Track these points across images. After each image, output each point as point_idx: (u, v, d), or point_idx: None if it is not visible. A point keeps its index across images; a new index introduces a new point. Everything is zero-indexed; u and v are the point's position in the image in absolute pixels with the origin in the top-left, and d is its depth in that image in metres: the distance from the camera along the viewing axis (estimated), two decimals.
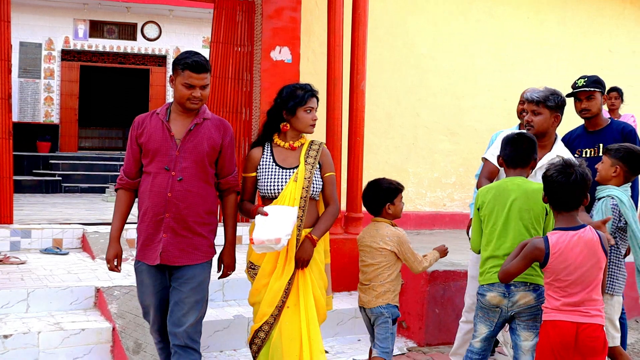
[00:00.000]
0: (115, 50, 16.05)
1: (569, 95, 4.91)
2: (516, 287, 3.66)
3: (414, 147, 8.97)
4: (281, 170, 3.89)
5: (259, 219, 3.69)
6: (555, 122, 4.33)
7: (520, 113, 5.37)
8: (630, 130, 4.85)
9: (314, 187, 3.87)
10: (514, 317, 3.73)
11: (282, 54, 7.14)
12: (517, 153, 3.85)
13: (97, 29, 15.89)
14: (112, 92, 19.07)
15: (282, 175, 3.88)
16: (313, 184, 3.86)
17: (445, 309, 5.58)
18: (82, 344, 4.60)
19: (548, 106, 4.26)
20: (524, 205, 3.71)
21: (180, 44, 16.09)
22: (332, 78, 6.35)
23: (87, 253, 6.60)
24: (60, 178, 13.58)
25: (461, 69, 9.31)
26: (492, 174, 4.54)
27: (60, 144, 15.59)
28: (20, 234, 6.65)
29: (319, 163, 3.95)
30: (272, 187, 3.85)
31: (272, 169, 3.90)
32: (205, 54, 9.59)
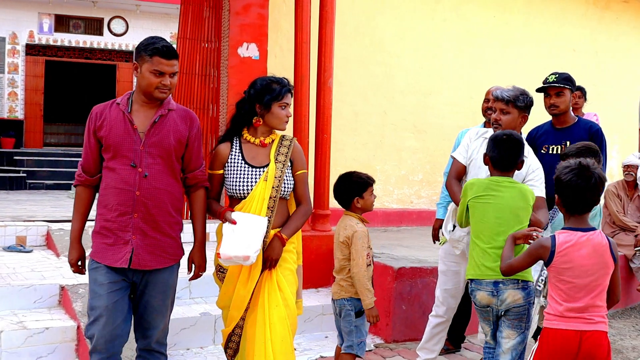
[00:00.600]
0: (81, 45, 15.86)
1: (538, 90, 4.97)
2: (505, 285, 3.66)
3: (381, 145, 9.00)
4: (250, 169, 3.69)
5: (227, 229, 3.52)
6: (523, 122, 4.38)
7: (485, 111, 5.42)
8: (597, 130, 4.92)
9: (285, 187, 3.70)
10: (502, 315, 3.75)
11: (249, 50, 7.13)
12: (507, 157, 3.85)
13: (62, 23, 15.69)
14: (78, 87, 18.85)
15: (252, 174, 3.68)
16: (284, 183, 3.69)
17: (412, 306, 5.62)
18: (46, 343, 4.54)
19: (517, 106, 4.30)
20: (520, 204, 3.76)
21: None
22: (300, 75, 6.35)
23: (52, 251, 6.52)
24: (24, 175, 13.40)
25: (428, 67, 9.37)
26: (459, 173, 4.59)
27: (25, 140, 15.36)
28: None
29: (290, 160, 3.77)
30: (241, 187, 3.66)
31: (241, 167, 3.70)
32: None
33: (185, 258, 3.76)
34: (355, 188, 4.21)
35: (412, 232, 8.44)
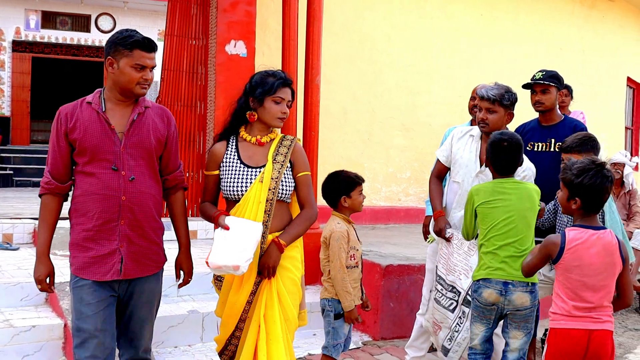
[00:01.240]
0: (68, 42, 15.79)
1: (524, 86, 5.00)
2: (514, 287, 3.64)
3: (369, 142, 9.02)
4: (246, 169, 3.43)
5: (219, 234, 3.28)
6: (509, 119, 4.39)
7: (471, 109, 5.44)
8: (582, 128, 4.95)
9: (282, 189, 3.41)
10: (507, 315, 3.73)
11: (237, 47, 7.12)
12: (509, 161, 3.83)
13: (49, 19, 15.62)
14: (65, 84, 18.76)
15: (247, 175, 3.42)
16: (282, 185, 3.41)
17: (400, 303, 5.64)
18: (33, 341, 4.52)
19: (503, 104, 4.29)
20: (527, 204, 3.74)
21: None
22: (287, 72, 6.34)
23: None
24: (11, 172, 13.34)
25: (416, 65, 9.40)
26: (441, 172, 4.61)
27: (12, 137, 15.29)
28: None
29: (290, 161, 3.48)
30: (235, 188, 3.40)
31: (236, 167, 3.44)
32: (160, 47, 9.50)
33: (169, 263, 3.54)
34: (342, 187, 4.14)
35: (400, 229, 8.46)
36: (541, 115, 5.05)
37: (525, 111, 5.08)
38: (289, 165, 3.47)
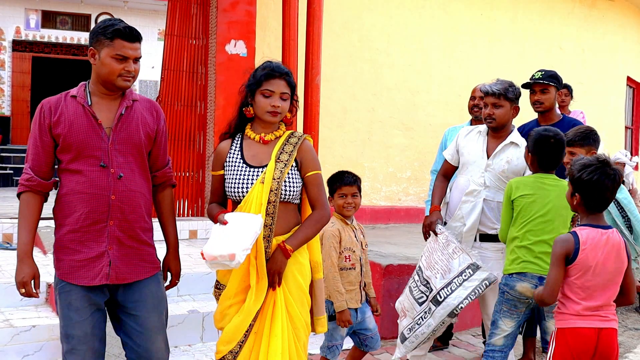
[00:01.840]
0: (68, 41, 15.78)
1: (524, 86, 5.01)
2: None
3: (369, 142, 9.02)
4: (248, 169, 3.23)
5: (216, 228, 3.11)
6: (515, 113, 4.42)
7: (471, 109, 5.45)
8: None
9: (287, 190, 3.18)
10: (539, 309, 3.84)
11: (237, 47, 7.12)
12: (553, 157, 3.86)
13: (49, 19, 15.61)
14: (65, 84, 18.69)
15: (249, 175, 3.21)
16: (286, 185, 3.18)
17: None
18: (33, 340, 4.52)
19: (508, 98, 4.32)
20: (564, 202, 3.72)
21: None
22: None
23: (39, 248, 6.49)
24: (11, 171, 13.33)
25: (416, 64, 9.41)
26: (447, 171, 4.65)
27: (12, 137, 15.28)
28: None
29: (295, 160, 3.26)
30: (237, 189, 3.21)
31: (238, 167, 3.25)
32: (160, 47, 9.49)
33: None
34: (328, 186, 4.09)
35: (400, 229, 8.46)
36: (540, 115, 5.07)
37: (524, 111, 5.09)
38: (294, 165, 3.25)
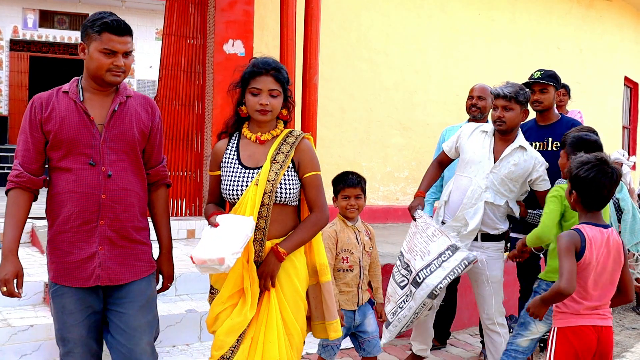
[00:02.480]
0: (66, 41, 15.78)
1: (523, 85, 5.03)
2: None
3: (366, 141, 9.03)
4: (243, 170, 3.12)
5: (207, 231, 3.02)
6: (524, 117, 4.43)
7: (469, 108, 5.46)
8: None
9: (282, 192, 3.06)
10: None
11: (235, 47, 7.12)
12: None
13: (47, 19, 15.60)
14: (63, 83, 18.58)
15: (244, 176, 3.10)
16: (282, 187, 3.06)
17: None
18: (31, 340, 4.52)
19: (519, 101, 4.33)
20: (609, 212, 3.83)
21: (134, 36, 15.86)
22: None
23: (37, 247, 6.49)
24: (9, 171, 13.31)
25: (414, 64, 9.41)
26: (443, 160, 4.73)
27: (9, 137, 15.27)
28: None
29: (292, 161, 3.13)
30: (232, 190, 3.11)
31: (234, 168, 3.15)
32: (158, 46, 9.48)
33: None
34: (333, 187, 4.10)
35: (398, 228, 8.46)
36: (539, 115, 5.08)
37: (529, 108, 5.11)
38: (290, 165, 3.12)
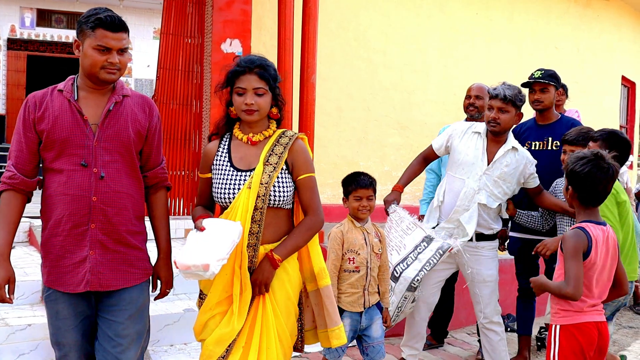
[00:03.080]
0: (63, 40, 15.76)
1: (523, 85, 5.03)
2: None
3: (364, 141, 9.02)
4: (235, 172, 3.00)
5: (192, 235, 2.89)
6: (518, 119, 4.43)
7: (467, 107, 5.46)
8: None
9: (276, 195, 2.96)
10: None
11: (232, 46, 7.11)
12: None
13: (44, 18, 15.58)
14: (60, 82, 18.68)
15: (236, 179, 2.99)
16: (275, 190, 2.95)
17: None
18: (29, 339, 4.52)
19: (516, 105, 4.32)
20: None
21: (131, 35, 15.78)
22: (283, 71, 6.35)
23: (34, 247, 6.49)
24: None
25: (412, 63, 9.40)
26: (429, 156, 4.77)
27: (7, 136, 15.26)
28: None
29: (286, 163, 3.03)
30: (224, 194, 3.00)
31: (225, 170, 3.03)
32: (156, 45, 9.47)
33: None
34: (343, 188, 4.08)
35: None
36: (538, 114, 5.09)
37: (526, 110, 5.11)
38: (284, 167, 3.02)
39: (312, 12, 6.55)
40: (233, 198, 2.96)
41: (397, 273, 4.25)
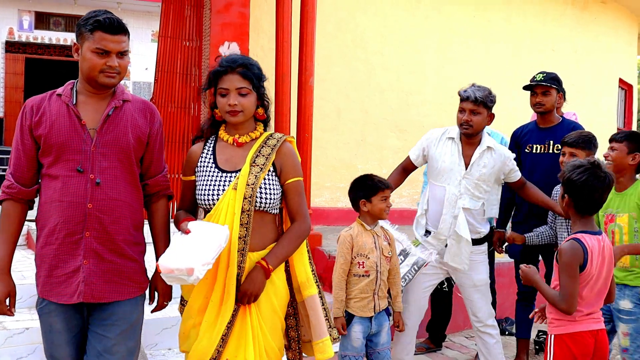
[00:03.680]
0: (62, 42, 15.75)
1: (525, 87, 5.03)
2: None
3: (362, 143, 9.03)
4: (220, 174, 2.92)
5: (176, 238, 2.77)
6: (489, 121, 4.43)
7: None
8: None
9: (263, 197, 2.86)
10: None
11: (230, 49, 7.11)
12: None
13: (42, 20, 15.57)
14: (59, 85, 18.47)
15: (221, 180, 2.90)
16: (262, 192, 2.86)
17: None
18: (26, 343, 4.51)
19: (487, 106, 4.33)
20: None
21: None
22: (281, 74, 6.35)
23: (32, 250, 6.48)
24: (3, 173, 13.30)
25: (409, 65, 9.42)
26: (408, 167, 4.72)
27: (5, 138, 15.24)
28: None
29: (273, 165, 2.94)
30: (207, 196, 2.90)
31: (210, 171, 2.95)
32: (154, 48, 9.47)
33: None
34: (363, 190, 4.01)
35: None
36: (539, 117, 5.08)
37: (523, 113, 5.11)
38: (271, 169, 2.94)
39: (309, 14, 6.55)
40: (217, 200, 2.86)
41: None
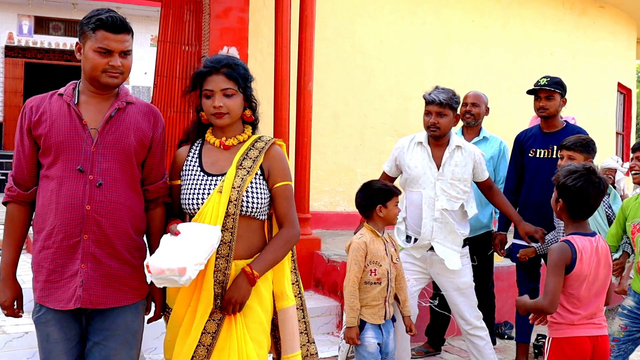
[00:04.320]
0: (61, 47, 15.79)
1: (529, 92, 5.04)
2: None
3: (361, 148, 9.04)
4: (205, 177, 2.81)
5: (166, 239, 2.69)
6: (455, 122, 4.48)
7: (463, 115, 5.48)
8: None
9: (248, 201, 2.75)
10: None
11: (229, 54, 7.12)
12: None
13: (42, 25, 15.62)
14: (58, 89, 18.69)
15: (206, 184, 2.79)
16: (248, 196, 2.75)
17: None
18: (25, 347, 4.51)
19: (452, 107, 4.38)
20: None
21: None
22: (280, 79, 6.37)
23: (31, 254, 6.48)
24: (4, 177, 13.29)
25: (408, 70, 9.43)
26: (385, 180, 4.59)
27: (4, 143, 15.27)
28: None
29: (261, 168, 2.84)
30: (192, 199, 2.79)
31: (195, 175, 2.84)
32: (153, 52, 9.48)
33: None
34: (379, 196, 3.96)
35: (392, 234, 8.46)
36: (543, 122, 5.08)
37: (520, 117, 5.11)
38: (259, 172, 2.83)
39: (308, 19, 6.57)
40: (202, 203, 2.76)
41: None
